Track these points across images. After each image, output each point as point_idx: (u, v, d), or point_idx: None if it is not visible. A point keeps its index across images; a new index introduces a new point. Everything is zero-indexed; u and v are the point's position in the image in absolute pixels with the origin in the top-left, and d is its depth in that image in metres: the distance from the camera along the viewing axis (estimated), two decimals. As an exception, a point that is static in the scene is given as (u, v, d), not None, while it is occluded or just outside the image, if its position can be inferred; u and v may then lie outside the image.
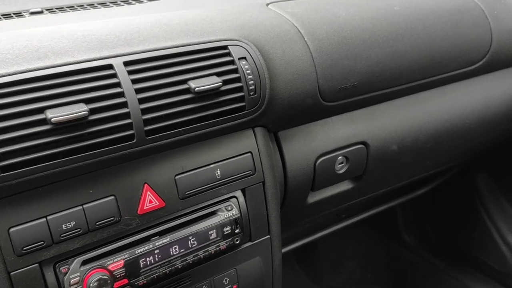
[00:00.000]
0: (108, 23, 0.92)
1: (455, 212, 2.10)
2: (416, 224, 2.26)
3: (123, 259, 0.84)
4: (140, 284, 0.86)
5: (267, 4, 1.13)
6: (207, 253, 0.94)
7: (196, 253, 0.92)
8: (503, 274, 1.95)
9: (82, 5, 1.23)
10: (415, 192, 2.06)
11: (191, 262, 0.92)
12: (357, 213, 1.99)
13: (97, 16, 1.07)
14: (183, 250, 0.90)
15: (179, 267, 0.91)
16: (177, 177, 0.90)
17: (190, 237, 0.91)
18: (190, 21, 0.96)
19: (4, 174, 0.72)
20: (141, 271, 0.86)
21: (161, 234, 0.89)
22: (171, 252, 0.89)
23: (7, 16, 1.15)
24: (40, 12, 1.18)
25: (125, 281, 0.84)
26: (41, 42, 0.82)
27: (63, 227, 0.79)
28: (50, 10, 1.21)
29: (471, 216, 2.03)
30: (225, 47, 0.92)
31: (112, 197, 0.83)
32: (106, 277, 0.81)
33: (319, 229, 1.95)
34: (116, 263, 0.83)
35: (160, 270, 0.88)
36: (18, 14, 1.16)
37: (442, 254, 2.18)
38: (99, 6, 1.22)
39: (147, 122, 0.82)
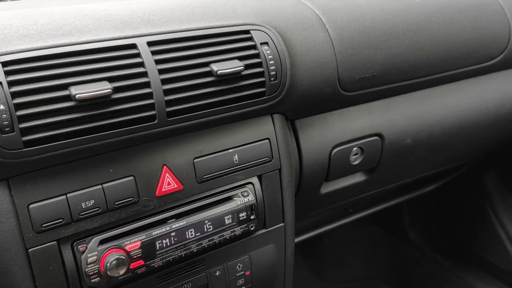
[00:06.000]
0: (130, 4, 0.92)
1: (462, 211, 2.10)
2: (422, 222, 2.26)
3: (140, 240, 0.84)
4: (155, 266, 0.86)
5: (288, -9, 1.12)
6: (222, 238, 0.93)
7: (212, 237, 0.92)
8: (509, 273, 1.95)
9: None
10: (422, 189, 2.06)
11: (206, 246, 0.92)
12: (364, 208, 1.99)
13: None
14: (199, 234, 0.90)
15: (194, 250, 0.91)
16: (195, 160, 0.89)
17: (206, 221, 0.91)
18: (212, 4, 0.96)
19: (27, 149, 0.72)
20: (157, 253, 0.86)
21: (178, 217, 0.89)
22: (187, 236, 0.89)
23: (25, -4, 1.15)
24: (59, -7, 1.17)
25: (141, 262, 0.84)
26: (65, 19, 0.81)
27: (83, 205, 0.79)
28: (68, -9, 1.20)
29: (478, 215, 2.02)
30: (247, 32, 0.92)
31: (132, 178, 0.83)
32: (123, 258, 0.81)
33: (325, 223, 1.95)
34: (133, 244, 0.83)
35: (176, 253, 0.88)
36: (37, -6, 1.15)
37: (447, 253, 2.17)
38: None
39: (169, 103, 0.82)
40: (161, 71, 0.81)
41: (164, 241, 0.87)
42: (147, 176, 0.85)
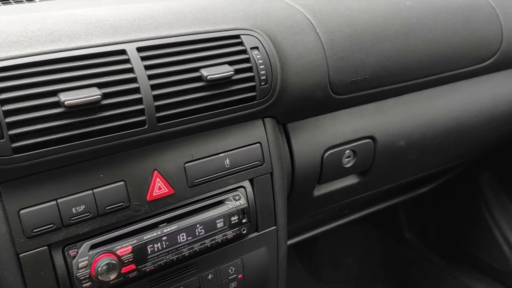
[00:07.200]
0: (121, 9, 0.92)
1: (457, 211, 2.10)
2: (418, 222, 2.26)
3: (131, 245, 0.84)
4: (147, 270, 0.87)
5: (279, -5, 1.13)
6: (214, 241, 0.94)
7: (203, 241, 0.92)
8: (504, 273, 1.95)
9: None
10: (418, 190, 2.06)
11: (198, 250, 0.92)
12: (359, 209, 1.99)
13: (108, 2, 1.06)
14: (191, 238, 0.91)
15: (186, 254, 0.91)
16: (186, 165, 0.90)
17: (198, 225, 0.91)
18: (202, 9, 0.96)
19: (16, 155, 0.72)
20: (148, 257, 0.86)
21: (169, 221, 0.90)
22: (179, 240, 0.89)
23: (17, 1, 1.15)
24: (51, -3, 1.17)
25: (133, 266, 0.85)
26: (55, 25, 0.81)
27: (73, 210, 0.79)
28: (60, -4, 1.20)
29: (473, 215, 2.03)
30: (237, 36, 0.92)
31: (122, 183, 0.83)
32: (114, 262, 0.81)
33: (320, 224, 1.95)
34: (124, 249, 0.84)
35: (167, 257, 0.89)
36: (29, -1, 1.15)
37: (443, 253, 2.18)
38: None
39: (159, 108, 0.82)
40: (150, 77, 0.81)
41: (155, 245, 0.87)
42: (138, 181, 0.85)
